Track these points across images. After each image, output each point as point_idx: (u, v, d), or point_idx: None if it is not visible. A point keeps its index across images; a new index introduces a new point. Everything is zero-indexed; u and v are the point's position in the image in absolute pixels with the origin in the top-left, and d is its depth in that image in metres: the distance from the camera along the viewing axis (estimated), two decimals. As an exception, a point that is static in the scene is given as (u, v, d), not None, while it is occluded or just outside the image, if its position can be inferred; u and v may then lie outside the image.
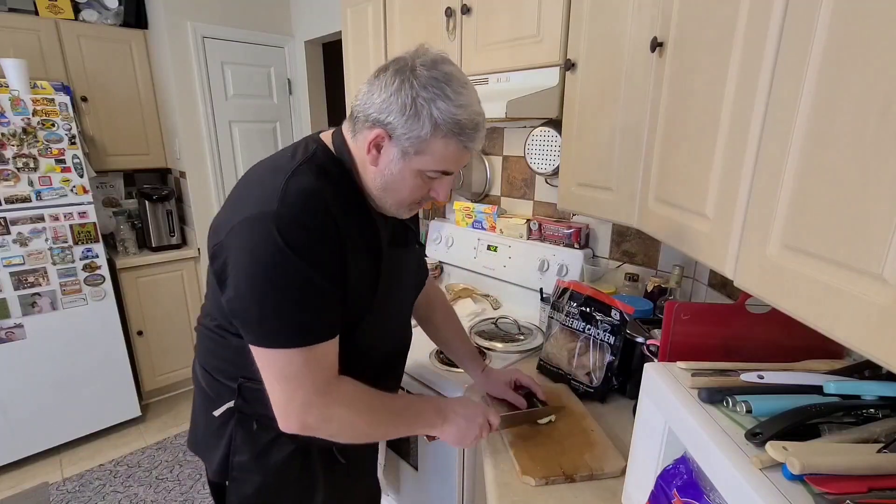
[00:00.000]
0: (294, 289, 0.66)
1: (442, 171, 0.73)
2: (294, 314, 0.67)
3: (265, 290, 0.66)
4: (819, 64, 0.47)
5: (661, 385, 0.63)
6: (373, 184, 0.75)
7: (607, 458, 0.88)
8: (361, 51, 1.81)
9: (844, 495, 0.42)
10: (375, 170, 0.73)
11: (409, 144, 0.69)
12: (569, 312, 1.15)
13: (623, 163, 1.00)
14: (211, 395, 0.87)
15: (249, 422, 0.84)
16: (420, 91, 0.66)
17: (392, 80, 0.67)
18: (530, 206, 1.74)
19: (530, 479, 0.83)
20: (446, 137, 0.68)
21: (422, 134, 0.68)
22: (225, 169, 2.62)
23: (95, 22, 2.38)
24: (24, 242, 1.97)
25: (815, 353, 0.69)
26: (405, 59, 0.69)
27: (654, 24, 0.88)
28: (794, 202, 0.50)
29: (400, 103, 0.67)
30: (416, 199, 0.77)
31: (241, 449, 0.85)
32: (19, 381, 2.09)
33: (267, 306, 0.67)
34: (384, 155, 0.71)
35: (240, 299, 0.68)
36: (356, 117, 0.72)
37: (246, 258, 0.66)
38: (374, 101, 0.69)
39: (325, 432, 0.75)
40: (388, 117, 0.68)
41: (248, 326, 0.70)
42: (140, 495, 2.02)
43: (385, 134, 0.69)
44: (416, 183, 0.74)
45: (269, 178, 0.70)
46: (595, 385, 1.09)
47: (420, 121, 0.67)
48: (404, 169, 0.71)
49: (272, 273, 0.65)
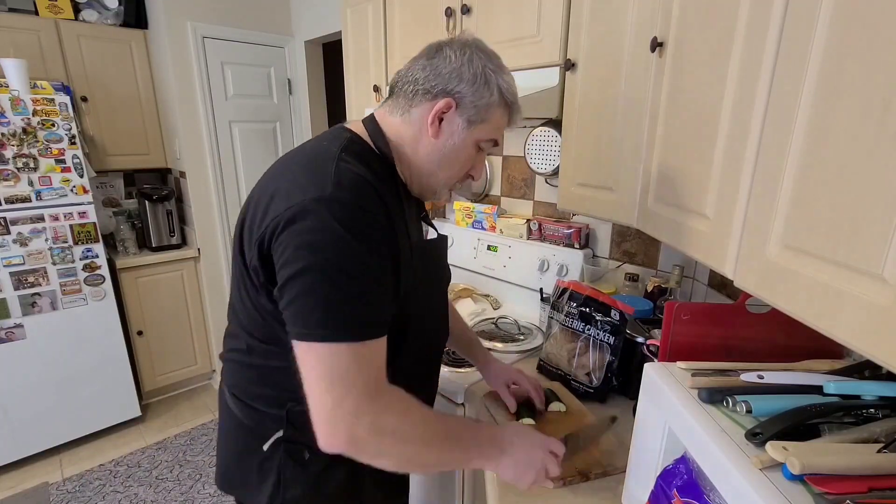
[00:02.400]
0: (353, 277, 0.61)
1: (493, 139, 0.77)
2: (349, 305, 0.62)
3: (322, 277, 0.61)
4: (819, 63, 0.47)
5: (661, 385, 0.63)
6: (428, 157, 0.75)
7: (616, 454, 0.88)
8: (361, 51, 1.81)
9: (844, 495, 0.42)
10: (434, 142, 0.74)
11: (474, 112, 0.72)
12: (569, 312, 1.15)
13: (623, 163, 1.00)
14: (252, 427, 0.79)
15: (300, 451, 0.76)
16: (487, 62, 0.72)
17: (462, 53, 0.72)
18: (530, 206, 1.74)
19: (548, 482, 0.80)
20: (503, 107, 0.75)
21: (490, 101, 0.72)
22: (225, 169, 2.62)
23: (95, 22, 2.38)
24: (24, 242, 1.98)
25: (815, 353, 0.69)
26: (463, 37, 0.74)
27: (654, 24, 0.88)
28: (794, 202, 0.50)
29: (472, 72, 0.71)
30: (462, 174, 0.80)
31: (292, 483, 0.77)
32: (19, 381, 2.09)
33: (322, 295, 0.61)
34: (447, 125, 0.73)
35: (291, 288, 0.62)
36: (412, 92, 0.73)
37: (303, 246, 0.61)
38: (440, 73, 0.71)
39: (375, 448, 0.64)
40: (459, 86, 0.71)
41: (296, 317, 0.62)
42: (140, 495, 2.02)
43: (453, 102, 0.71)
44: (469, 154, 0.77)
45: (312, 164, 0.67)
46: (595, 385, 1.09)
47: (490, 88, 0.72)
48: (466, 138, 0.74)
49: (330, 259, 0.60)
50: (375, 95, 1.79)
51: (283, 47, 2.71)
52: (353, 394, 0.61)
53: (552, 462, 0.75)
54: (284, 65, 2.75)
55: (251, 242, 0.67)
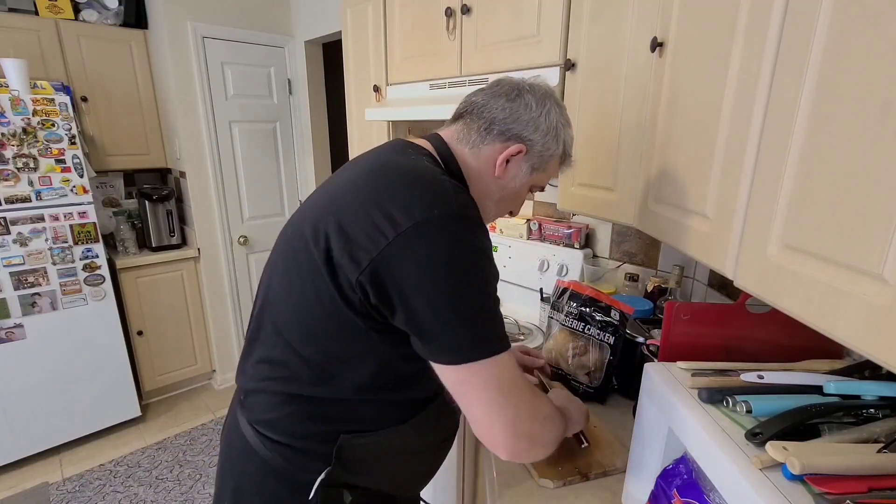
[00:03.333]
0: (492, 289, 0.62)
1: (542, 186, 0.83)
2: (497, 316, 0.62)
3: (470, 296, 0.59)
4: (819, 63, 0.47)
5: (661, 385, 0.63)
6: (486, 192, 0.78)
7: (616, 454, 0.88)
8: (361, 51, 1.81)
9: (844, 495, 0.42)
10: (498, 181, 0.77)
11: (539, 160, 0.76)
12: (569, 312, 1.15)
13: (623, 163, 1.00)
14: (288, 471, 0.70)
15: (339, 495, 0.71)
16: (559, 117, 0.76)
17: (541, 104, 0.74)
18: (530, 205, 1.74)
19: (548, 482, 0.82)
20: (559, 159, 0.79)
21: (555, 153, 0.77)
22: (225, 169, 2.62)
23: (95, 22, 2.38)
24: (24, 242, 1.97)
25: (815, 353, 0.69)
26: (542, 87, 0.77)
27: (654, 24, 0.88)
28: (794, 202, 0.50)
29: (547, 125, 0.74)
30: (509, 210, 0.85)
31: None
32: (19, 381, 2.09)
33: (473, 312, 0.59)
34: (513, 167, 0.76)
35: (437, 314, 0.58)
36: (487, 130, 0.74)
37: (440, 264, 0.57)
38: (519, 118, 0.74)
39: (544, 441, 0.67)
40: (533, 134, 0.74)
41: (457, 342, 0.59)
42: (140, 495, 2.02)
43: (524, 148, 0.74)
44: (522, 197, 0.82)
45: (422, 180, 0.63)
46: (595, 385, 1.09)
47: (558, 142, 0.77)
48: (525, 183, 0.79)
49: (472, 275, 0.59)
50: (375, 95, 1.79)
51: (283, 47, 2.71)
52: (525, 396, 0.64)
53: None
54: (284, 65, 2.75)
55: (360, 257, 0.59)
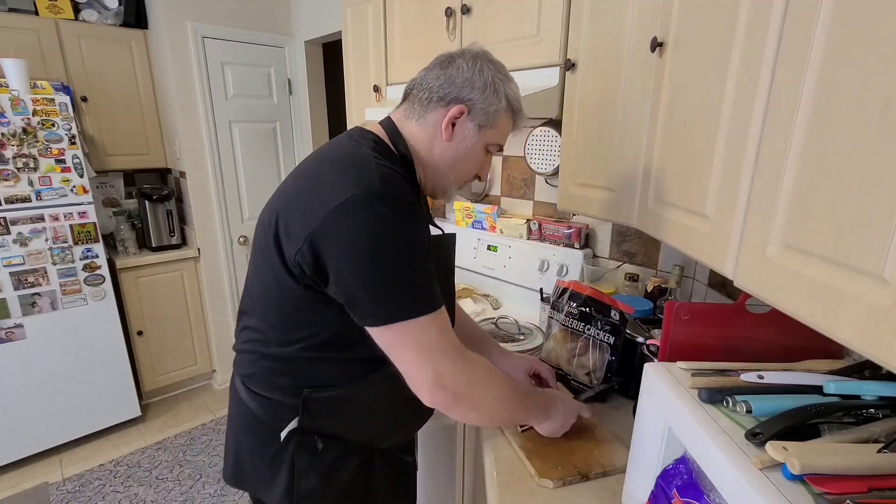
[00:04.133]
0: (413, 257, 0.68)
1: (499, 144, 0.85)
2: (418, 281, 0.69)
3: (388, 263, 0.66)
4: (819, 63, 0.47)
5: (661, 385, 0.63)
6: (441, 159, 0.82)
7: (616, 454, 0.88)
8: (361, 51, 1.81)
9: (844, 495, 0.42)
10: (447, 145, 0.81)
11: (484, 118, 0.79)
12: (569, 312, 1.15)
13: (623, 163, 1.00)
14: (267, 420, 0.82)
15: (313, 442, 0.80)
16: (496, 73, 0.79)
17: (473, 63, 0.78)
18: (530, 206, 1.74)
19: (548, 482, 0.82)
20: (508, 113, 0.82)
21: (498, 108, 0.79)
22: (225, 169, 2.62)
23: (95, 22, 2.38)
24: (24, 242, 1.98)
25: (815, 353, 0.69)
26: (472, 50, 0.81)
27: (654, 24, 0.88)
28: (794, 202, 0.50)
29: (482, 82, 0.78)
30: (471, 175, 0.87)
31: (307, 473, 0.80)
32: (19, 381, 2.09)
33: (393, 279, 0.67)
34: (459, 129, 0.80)
35: (361, 280, 0.67)
36: (427, 100, 0.80)
37: (360, 237, 0.65)
38: (454, 81, 0.78)
39: (471, 399, 0.74)
40: (470, 94, 0.78)
41: (377, 306, 0.68)
42: (140, 495, 2.02)
43: (465, 108, 0.78)
44: (478, 157, 0.84)
45: (351, 163, 0.72)
46: (595, 385, 1.09)
47: (498, 96, 0.79)
48: (476, 142, 0.81)
49: (392, 244, 0.66)
50: (375, 95, 1.78)
51: (283, 47, 2.71)
52: (449, 357, 0.71)
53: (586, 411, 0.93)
54: (284, 65, 2.75)
55: (296, 239, 0.69)
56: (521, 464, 0.88)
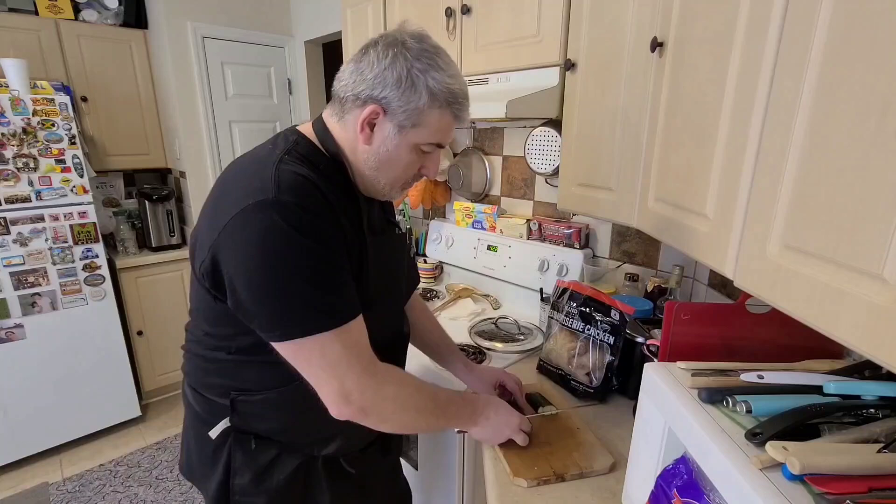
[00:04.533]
0: (310, 270, 0.64)
1: (436, 143, 0.74)
2: (318, 296, 0.65)
3: (282, 277, 0.63)
4: (819, 63, 0.47)
5: (661, 385, 0.63)
6: (364, 165, 0.74)
7: (595, 456, 0.88)
8: (361, 51, 1.81)
9: (844, 495, 0.42)
10: (368, 149, 0.72)
11: (405, 117, 0.69)
12: (569, 312, 1.15)
13: (623, 163, 1.00)
14: (203, 415, 0.83)
15: (247, 440, 0.80)
16: (413, 62, 0.67)
17: (385, 54, 0.67)
18: (530, 206, 1.74)
19: (522, 481, 0.82)
20: (441, 108, 0.70)
21: (419, 105, 0.68)
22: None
23: (95, 22, 2.38)
24: (24, 242, 1.97)
25: (815, 353, 0.69)
26: (392, 35, 0.70)
27: (654, 24, 0.88)
28: (795, 202, 0.50)
29: (395, 76, 0.67)
30: (408, 176, 0.77)
31: (241, 470, 0.81)
32: (19, 381, 2.09)
33: (288, 294, 0.64)
34: (378, 132, 0.71)
35: (255, 296, 0.64)
36: (343, 98, 0.72)
37: (253, 251, 0.63)
38: (365, 77, 0.68)
39: (379, 415, 0.73)
40: (383, 91, 0.68)
41: (272, 323, 0.66)
42: (140, 495, 2.02)
43: (380, 109, 0.69)
44: (411, 158, 0.74)
45: (254, 169, 0.68)
46: (595, 385, 1.09)
47: (417, 91, 0.68)
48: (400, 144, 0.72)
49: (285, 259, 0.63)
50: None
51: (283, 47, 2.71)
52: (354, 372, 0.68)
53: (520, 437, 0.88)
54: (284, 65, 2.75)
55: (203, 249, 0.68)
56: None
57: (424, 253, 2.07)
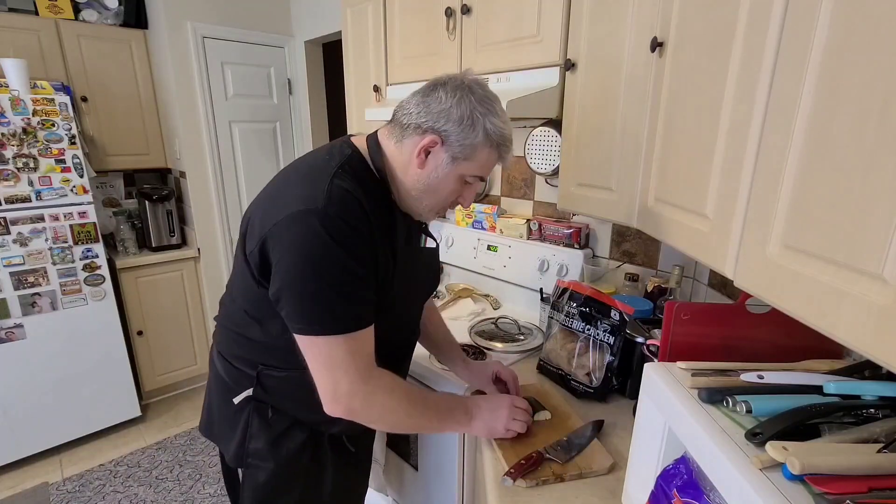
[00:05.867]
0: (339, 278, 0.73)
1: (479, 176, 0.83)
2: (338, 302, 0.73)
3: (313, 280, 0.72)
4: (819, 64, 0.47)
5: (661, 385, 0.63)
6: (413, 185, 0.82)
7: (595, 457, 0.88)
8: (361, 51, 1.81)
9: (844, 495, 0.42)
10: (420, 173, 0.81)
11: (459, 150, 0.78)
12: (569, 312, 1.15)
13: (623, 163, 1.00)
14: (230, 383, 0.91)
15: (265, 410, 0.89)
16: (476, 106, 0.77)
17: (453, 94, 0.77)
18: (530, 206, 1.74)
19: (521, 481, 0.83)
20: (491, 147, 0.79)
21: (475, 142, 0.78)
22: (225, 169, 2.62)
23: (95, 22, 2.38)
24: (24, 242, 1.97)
25: (815, 353, 0.69)
26: (459, 78, 0.79)
27: (654, 24, 0.88)
28: (794, 202, 0.50)
29: (459, 114, 0.76)
30: (448, 202, 0.86)
31: (257, 436, 0.89)
32: (19, 381, 2.09)
33: (314, 295, 0.72)
34: (432, 159, 0.79)
35: (288, 289, 0.73)
36: (405, 125, 0.80)
37: (295, 251, 0.72)
38: (431, 111, 0.77)
39: (367, 417, 0.81)
40: (445, 125, 0.77)
41: (295, 315, 0.74)
42: (140, 495, 2.02)
43: (439, 139, 0.78)
44: (455, 187, 0.83)
45: (312, 177, 0.77)
46: (595, 385, 1.09)
47: (475, 131, 0.77)
48: (450, 173, 0.80)
49: (320, 264, 0.71)
50: (375, 95, 1.79)
51: (283, 47, 2.71)
52: (349, 376, 0.76)
53: (519, 413, 0.94)
54: (284, 65, 2.75)
55: (254, 238, 0.77)
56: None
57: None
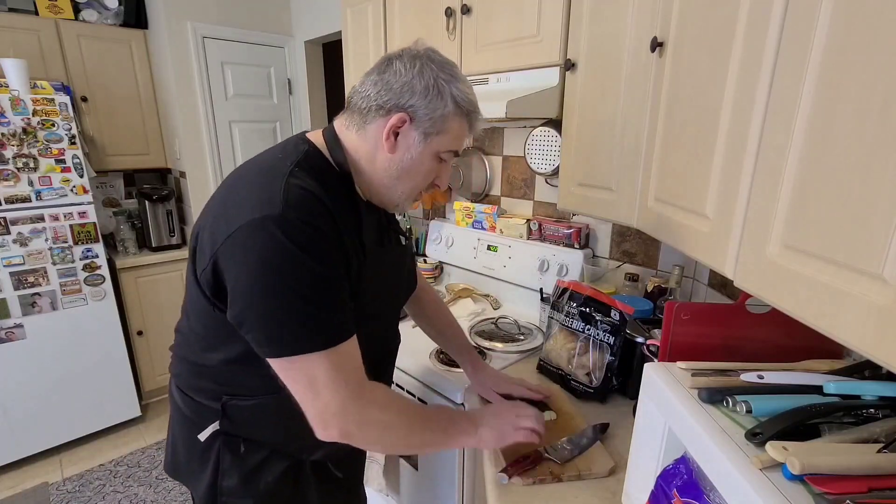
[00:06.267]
0: (309, 289, 0.64)
1: (454, 150, 0.77)
2: (312, 315, 0.65)
3: (279, 295, 0.63)
4: (819, 63, 0.47)
5: (661, 385, 0.63)
6: (385, 173, 0.75)
7: (595, 459, 0.88)
8: (361, 51, 1.81)
9: (844, 495, 0.42)
10: (391, 157, 0.74)
11: (430, 124, 0.72)
12: (569, 312, 1.15)
13: (623, 163, 1.00)
14: (192, 418, 0.83)
15: (237, 443, 0.80)
16: (439, 73, 0.71)
17: (412, 65, 0.70)
18: (530, 206, 1.74)
19: (518, 479, 0.83)
20: (460, 116, 0.73)
21: (445, 112, 0.71)
22: (225, 169, 2.62)
23: (95, 22, 2.38)
24: (24, 242, 1.97)
25: (815, 353, 0.69)
26: (412, 49, 0.73)
27: (654, 24, 0.88)
28: (794, 202, 0.50)
29: (423, 84, 0.70)
30: (425, 185, 0.79)
31: (230, 473, 0.81)
32: (19, 381, 2.09)
33: (284, 311, 0.64)
34: (402, 140, 0.73)
35: (251, 310, 0.65)
36: (365, 109, 0.73)
37: (253, 266, 0.63)
38: (391, 87, 0.70)
39: (364, 438, 0.73)
40: (411, 100, 0.70)
41: (264, 339, 0.65)
42: (140, 495, 2.02)
43: (406, 117, 0.71)
44: (430, 166, 0.76)
45: (263, 180, 0.68)
46: (595, 385, 1.09)
47: (443, 99, 0.71)
48: (424, 151, 0.74)
49: (284, 276, 0.63)
50: (375, 95, 1.78)
51: (283, 47, 2.71)
52: (340, 396, 0.67)
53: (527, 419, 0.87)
54: (284, 65, 2.75)
55: (204, 255, 0.68)
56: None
57: (424, 253, 2.07)
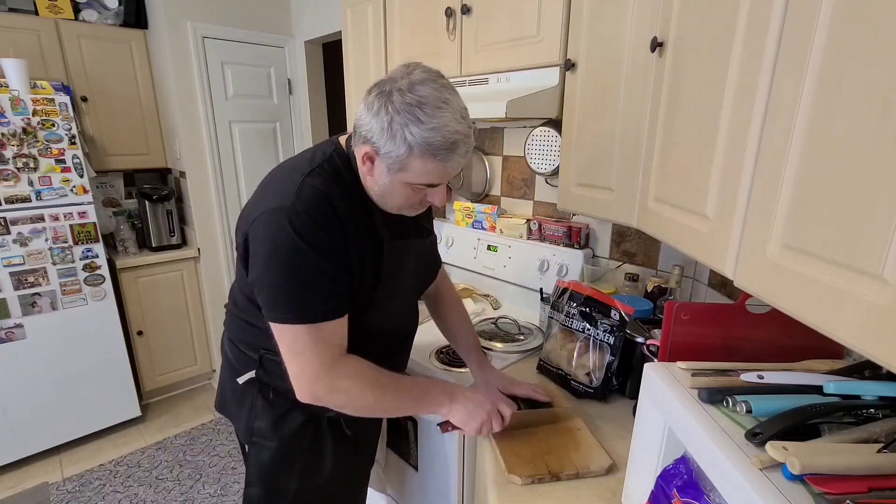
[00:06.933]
0: (304, 272, 0.77)
1: (427, 184, 0.78)
2: (302, 294, 0.78)
3: (279, 272, 0.76)
4: (819, 63, 0.47)
5: (661, 385, 0.63)
6: (372, 190, 0.83)
7: (593, 457, 0.88)
8: (361, 51, 1.81)
9: (844, 495, 0.42)
10: (371, 179, 0.81)
11: (391, 161, 0.75)
12: (569, 312, 1.15)
13: (623, 163, 1.00)
14: (236, 364, 0.98)
15: (268, 391, 0.94)
16: (394, 116, 0.71)
17: (374, 104, 0.74)
18: (530, 206, 1.74)
19: (516, 478, 0.83)
20: (423, 157, 0.73)
21: (399, 154, 0.74)
22: (225, 169, 2.62)
23: (95, 22, 2.37)
24: (24, 242, 1.97)
25: (815, 353, 0.69)
26: (386, 83, 0.74)
27: (654, 24, 0.88)
28: (794, 202, 0.50)
29: (379, 126, 0.73)
30: (412, 203, 0.83)
31: (261, 415, 0.95)
32: (19, 381, 2.09)
33: (280, 287, 0.77)
34: (376, 168, 0.78)
35: (259, 280, 0.79)
36: (356, 130, 0.79)
37: (265, 245, 0.77)
38: (363, 121, 0.76)
39: (334, 402, 0.84)
40: (372, 137, 0.75)
41: (266, 304, 0.80)
42: (140, 495, 2.02)
43: (372, 151, 0.76)
44: (408, 192, 0.80)
45: (288, 176, 0.81)
46: (595, 385, 1.09)
47: (396, 143, 0.73)
48: (393, 181, 0.78)
49: (285, 258, 0.76)
50: (375, 95, 1.78)
51: (283, 47, 2.71)
52: (313, 364, 0.80)
53: (497, 418, 0.92)
54: (284, 65, 2.75)
55: (241, 233, 0.83)
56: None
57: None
